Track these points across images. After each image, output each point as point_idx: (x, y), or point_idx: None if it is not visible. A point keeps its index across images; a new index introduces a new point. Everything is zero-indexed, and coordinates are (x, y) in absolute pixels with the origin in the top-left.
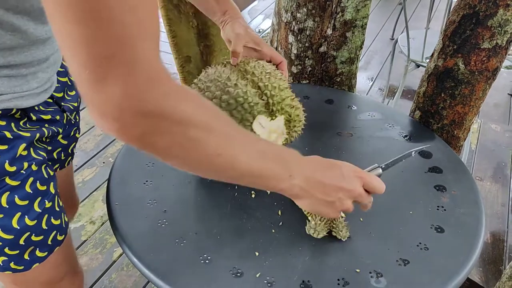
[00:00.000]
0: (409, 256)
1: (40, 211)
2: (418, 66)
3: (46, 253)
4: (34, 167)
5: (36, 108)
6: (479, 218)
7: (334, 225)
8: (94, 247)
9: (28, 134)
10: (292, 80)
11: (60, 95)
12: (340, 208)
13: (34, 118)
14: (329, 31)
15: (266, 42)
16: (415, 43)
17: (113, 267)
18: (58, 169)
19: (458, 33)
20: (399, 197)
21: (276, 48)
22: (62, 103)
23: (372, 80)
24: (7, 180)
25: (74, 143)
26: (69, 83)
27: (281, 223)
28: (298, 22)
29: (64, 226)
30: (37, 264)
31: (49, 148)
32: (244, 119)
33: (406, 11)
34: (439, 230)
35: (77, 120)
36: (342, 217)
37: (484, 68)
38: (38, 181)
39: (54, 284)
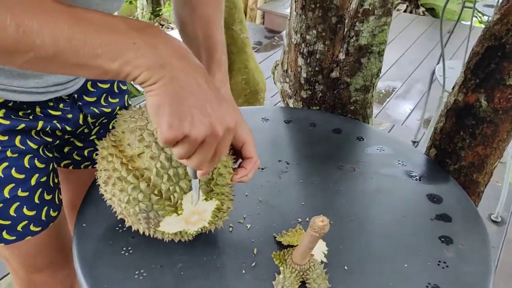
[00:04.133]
0: None
1: (8, 197)
2: None
3: (14, 237)
4: (9, 154)
5: (46, 103)
6: (487, 279)
7: (308, 276)
8: None
9: (6, 122)
10: (301, 106)
11: (75, 96)
12: (192, 129)
13: (38, 110)
14: (342, 56)
15: (277, 64)
16: (454, 73)
17: None
18: (71, 167)
19: (481, 66)
20: (395, 246)
21: (286, 71)
22: (80, 103)
23: (410, 110)
24: None
25: (92, 149)
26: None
27: (254, 264)
28: (308, 45)
29: (43, 218)
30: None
31: (49, 139)
32: (178, 183)
33: (454, 41)
34: None
35: (102, 129)
36: (320, 263)
37: (510, 107)
38: (14, 168)
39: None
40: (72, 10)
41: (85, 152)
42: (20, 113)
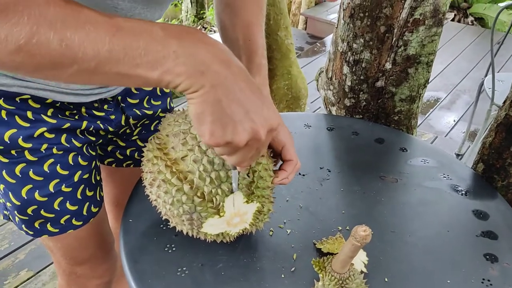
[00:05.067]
0: None
1: (53, 191)
2: None
3: (57, 230)
4: (55, 151)
5: (91, 104)
6: None
7: (347, 285)
8: None
9: (53, 121)
10: (344, 114)
11: (119, 98)
12: (235, 136)
13: (83, 111)
14: (388, 65)
15: (321, 71)
16: (503, 86)
17: None
18: (114, 165)
19: None
20: (438, 260)
21: (330, 78)
22: (123, 104)
23: (455, 121)
24: (26, 153)
25: (135, 149)
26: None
27: (293, 269)
28: (354, 53)
29: (85, 213)
30: (51, 229)
31: (93, 138)
32: (219, 186)
33: (503, 53)
34: None
35: (144, 130)
36: (360, 273)
37: None
38: (58, 165)
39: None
40: (111, 20)
41: (128, 152)
42: (67, 113)
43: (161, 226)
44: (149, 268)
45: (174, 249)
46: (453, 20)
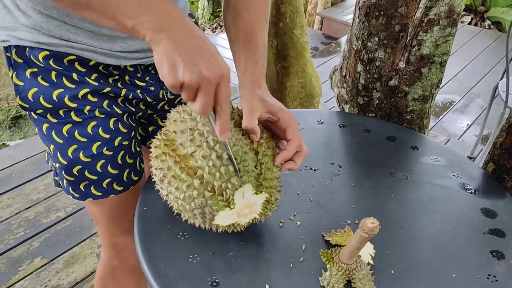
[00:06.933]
0: None
1: (96, 153)
2: None
3: (100, 193)
4: (97, 113)
5: (134, 74)
6: None
7: (354, 276)
8: None
9: (95, 83)
10: (357, 112)
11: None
12: (185, 77)
13: (127, 78)
14: (402, 64)
15: (335, 69)
16: None
17: None
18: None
19: None
20: (444, 256)
21: (344, 77)
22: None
23: (468, 125)
24: (72, 114)
25: None
26: None
27: (302, 259)
28: (368, 51)
29: (125, 179)
30: (95, 193)
31: (133, 109)
32: (229, 180)
33: None
34: None
35: None
36: (367, 264)
37: None
38: (100, 127)
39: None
40: None
41: None
42: (110, 80)
43: (174, 214)
44: (161, 254)
45: (186, 237)
46: (470, 23)
